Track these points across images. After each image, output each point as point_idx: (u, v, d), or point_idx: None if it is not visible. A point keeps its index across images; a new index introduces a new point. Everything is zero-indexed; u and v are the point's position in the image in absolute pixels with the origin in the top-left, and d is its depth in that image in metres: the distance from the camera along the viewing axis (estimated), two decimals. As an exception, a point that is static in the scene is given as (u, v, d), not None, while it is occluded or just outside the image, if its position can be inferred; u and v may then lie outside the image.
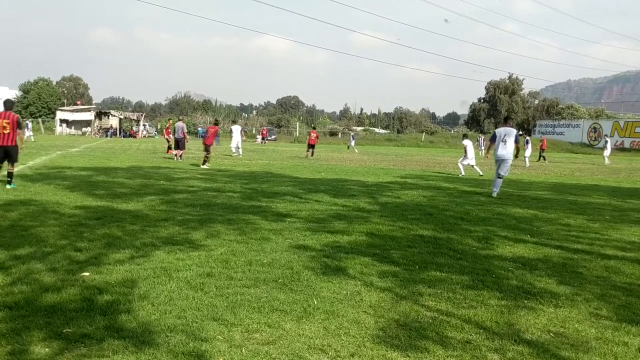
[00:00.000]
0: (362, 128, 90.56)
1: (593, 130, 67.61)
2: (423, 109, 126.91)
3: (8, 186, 10.85)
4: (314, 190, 12.60)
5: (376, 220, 8.54)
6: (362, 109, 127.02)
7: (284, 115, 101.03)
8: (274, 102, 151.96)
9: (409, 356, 3.46)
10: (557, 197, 13.00)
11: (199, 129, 75.83)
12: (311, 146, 29.17)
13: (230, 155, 27.50)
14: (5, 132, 10.93)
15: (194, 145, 33.60)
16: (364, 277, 5.23)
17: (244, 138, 29.88)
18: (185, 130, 24.40)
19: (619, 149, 57.59)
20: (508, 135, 12.44)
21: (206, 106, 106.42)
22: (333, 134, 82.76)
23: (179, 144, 23.76)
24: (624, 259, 6.37)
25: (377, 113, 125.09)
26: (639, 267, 5.98)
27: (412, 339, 3.72)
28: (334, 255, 6.11)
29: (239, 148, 27.70)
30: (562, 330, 4.00)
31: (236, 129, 28.13)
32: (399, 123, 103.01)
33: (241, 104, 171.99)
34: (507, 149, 12.47)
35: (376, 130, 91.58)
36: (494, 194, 12.53)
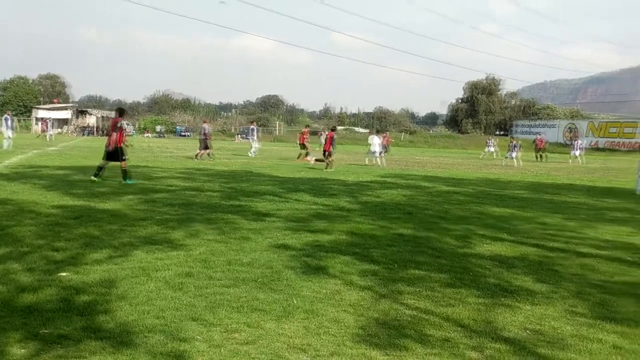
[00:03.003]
0: (343, 127, 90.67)
1: (569, 130, 68.63)
2: (403, 108, 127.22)
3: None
4: (294, 190, 12.59)
5: (356, 219, 8.57)
6: (342, 108, 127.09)
7: (264, 114, 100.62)
8: (254, 101, 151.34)
9: (388, 354, 3.49)
10: (534, 196, 13.18)
11: (177, 127, 75.22)
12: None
13: (247, 155, 28.01)
14: None
15: (172, 144, 33.27)
16: (344, 276, 5.25)
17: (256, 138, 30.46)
18: (207, 130, 24.57)
19: (593, 148, 58.55)
20: None
21: (185, 105, 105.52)
22: (314, 133, 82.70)
23: (205, 144, 23.94)
24: (599, 257, 6.48)
25: (357, 112, 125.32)
26: (614, 265, 6.09)
27: (392, 338, 3.75)
28: (314, 254, 6.12)
29: (256, 148, 28.53)
30: (539, 327, 4.06)
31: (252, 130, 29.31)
32: (379, 122, 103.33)
33: (220, 102, 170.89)
34: None
35: (356, 129, 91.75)
36: None
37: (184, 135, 70.88)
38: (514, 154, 29.88)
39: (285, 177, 16.39)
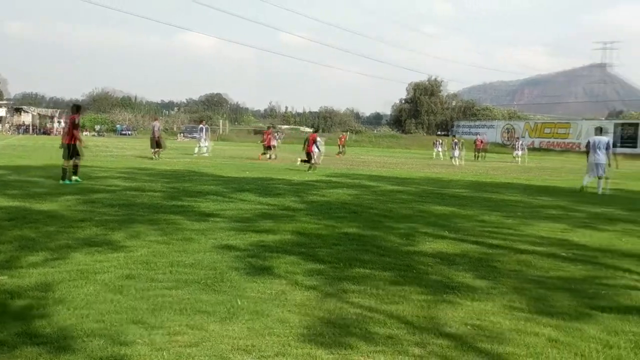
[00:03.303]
0: (289, 127, 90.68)
1: (507, 130, 71.09)
2: (348, 108, 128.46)
3: None
4: (239, 189, 12.48)
5: (302, 219, 8.57)
6: (287, 108, 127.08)
7: (207, 112, 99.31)
8: (198, 100, 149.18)
9: (333, 353, 3.50)
10: (474, 195, 13.55)
11: (117, 125, 73.30)
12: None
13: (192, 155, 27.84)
14: None
15: (112, 143, 32.39)
16: (290, 276, 5.23)
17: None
18: (158, 128, 24.54)
19: (530, 148, 60.81)
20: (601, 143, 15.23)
21: (126, 103, 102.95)
22: (258, 132, 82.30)
23: (158, 143, 23.90)
24: (536, 253, 6.72)
25: (303, 112, 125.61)
26: (549, 261, 6.33)
27: (337, 336, 3.76)
28: (259, 254, 6.08)
29: (205, 147, 28.65)
30: (479, 322, 4.17)
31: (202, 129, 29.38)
32: (324, 122, 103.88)
33: (162, 100, 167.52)
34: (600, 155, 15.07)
35: (302, 128, 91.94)
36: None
37: (125, 134, 69.16)
38: (456, 153, 30.86)
39: (230, 176, 16.23)
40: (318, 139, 22.02)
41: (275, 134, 34.74)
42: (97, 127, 69.43)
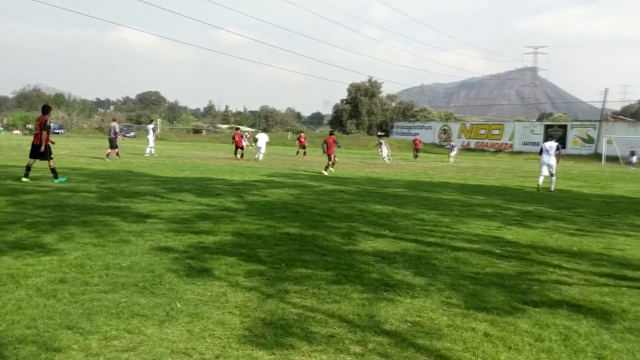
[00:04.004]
0: (228, 126, 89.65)
1: (443, 131, 73.02)
2: (289, 108, 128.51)
3: None
4: (177, 190, 12.23)
5: (243, 220, 8.49)
6: (227, 107, 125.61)
7: (144, 111, 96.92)
8: (134, 98, 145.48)
9: (274, 354, 3.48)
10: (413, 194, 13.81)
11: (50, 124, 70.56)
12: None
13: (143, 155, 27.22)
14: None
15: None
16: (230, 278, 5.17)
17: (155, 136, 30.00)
18: (117, 129, 24.13)
19: (465, 149, 62.69)
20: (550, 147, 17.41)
21: (58, 100, 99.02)
22: (197, 131, 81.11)
23: (115, 143, 23.42)
24: (471, 250, 6.92)
25: (242, 111, 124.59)
26: (484, 258, 6.53)
27: (278, 337, 3.74)
28: (198, 256, 5.97)
29: (151, 147, 28.17)
30: (418, 319, 4.25)
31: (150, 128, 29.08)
32: (265, 122, 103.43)
33: (97, 98, 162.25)
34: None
35: (242, 128, 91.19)
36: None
37: (58, 133, 66.63)
38: (384, 153, 31.96)
39: (168, 176, 15.89)
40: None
41: (244, 135, 35.66)
42: (29, 126, 66.43)
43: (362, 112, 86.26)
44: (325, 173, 20.37)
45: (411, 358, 3.51)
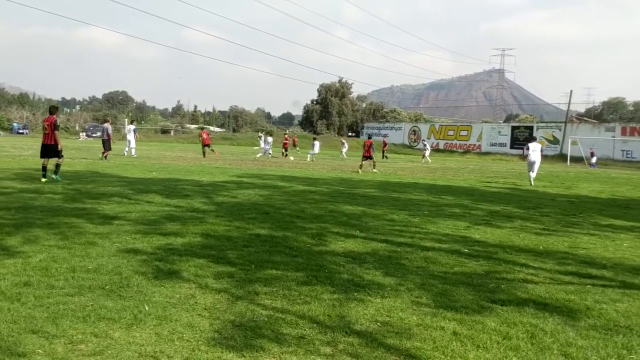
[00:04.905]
0: (197, 126, 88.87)
1: (413, 132, 73.71)
2: (259, 108, 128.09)
3: None
4: (144, 191, 12.05)
5: (212, 221, 8.41)
6: (196, 107, 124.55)
7: (111, 111, 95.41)
8: (100, 97, 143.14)
9: (244, 356, 3.45)
10: (383, 195, 13.89)
11: (15, 124, 68.85)
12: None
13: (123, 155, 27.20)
14: None
15: (8, 143, 30.32)
16: (199, 280, 5.11)
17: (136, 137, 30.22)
18: (110, 131, 24.29)
19: (434, 149, 63.37)
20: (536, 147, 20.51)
21: (23, 100, 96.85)
22: (165, 131, 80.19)
23: (109, 145, 23.58)
24: (440, 250, 6.99)
25: (212, 111, 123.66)
26: (453, 257, 6.59)
27: (248, 339, 3.71)
28: (166, 258, 5.89)
29: (133, 148, 28.40)
30: (388, 319, 4.26)
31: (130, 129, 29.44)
32: (234, 122, 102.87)
33: (63, 98, 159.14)
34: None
35: (211, 128, 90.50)
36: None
37: (22, 133, 65.12)
38: (344, 150, 37.08)
39: (135, 177, 15.65)
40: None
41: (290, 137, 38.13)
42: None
43: (333, 112, 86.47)
44: (375, 171, 24.27)
45: (381, 358, 3.52)
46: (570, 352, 3.73)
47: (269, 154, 34.44)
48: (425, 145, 41.65)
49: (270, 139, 36.57)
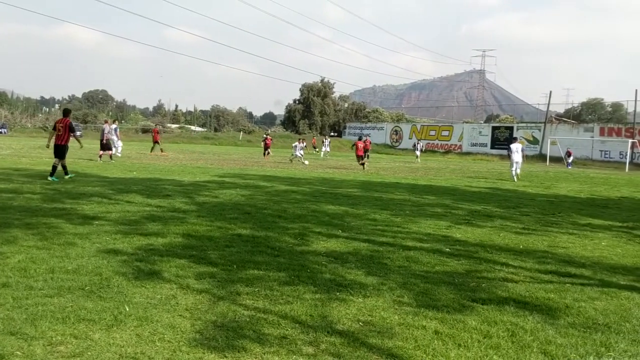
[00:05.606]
0: (178, 125, 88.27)
1: (395, 132, 73.98)
2: (240, 107, 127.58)
3: None
4: (125, 191, 11.94)
5: (193, 221, 8.35)
6: (177, 106, 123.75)
7: (90, 110, 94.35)
8: (80, 96, 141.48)
9: (226, 357, 3.43)
10: (365, 194, 13.93)
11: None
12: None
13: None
14: None
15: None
16: (180, 280, 5.07)
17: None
18: (107, 131, 23.93)
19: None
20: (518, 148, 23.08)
21: (1, 99, 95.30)
22: (145, 131, 79.41)
23: (106, 145, 23.31)
24: (422, 249, 7.02)
25: (193, 110, 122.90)
26: (434, 257, 6.63)
27: (230, 339, 3.69)
28: (147, 258, 5.83)
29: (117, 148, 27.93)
30: (370, 318, 4.27)
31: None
32: (216, 121, 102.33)
33: (42, 97, 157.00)
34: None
35: (192, 128, 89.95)
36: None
37: (1, 132, 64.10)
38: (324, 149, 40.39)
39: (115, 177, 15.50)
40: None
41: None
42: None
43: (315, 112, 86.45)
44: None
45: (363, 357, 3.53)
46: (549, 350, 3.77)
47: (301, 157, 33.66)
48: (415, 145, 43.52)
49: (302, 144, 35.73)
